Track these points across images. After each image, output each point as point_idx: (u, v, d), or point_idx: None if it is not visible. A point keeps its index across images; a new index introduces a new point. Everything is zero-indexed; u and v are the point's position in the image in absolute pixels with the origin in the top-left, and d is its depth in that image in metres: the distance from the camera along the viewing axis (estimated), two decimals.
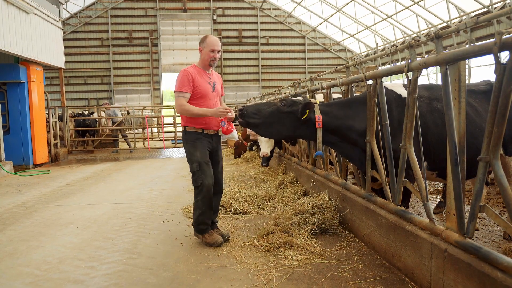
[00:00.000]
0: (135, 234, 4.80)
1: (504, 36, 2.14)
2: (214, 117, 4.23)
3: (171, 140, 16.44)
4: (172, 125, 16.73)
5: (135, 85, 28.43)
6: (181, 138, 4.55)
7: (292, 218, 4.45)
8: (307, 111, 3.96)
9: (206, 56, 4.29)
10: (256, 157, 10.60)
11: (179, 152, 14.85)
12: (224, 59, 28.67)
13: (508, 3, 16.02)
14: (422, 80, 21.38)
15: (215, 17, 28.78)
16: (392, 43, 24.78)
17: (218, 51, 4.28)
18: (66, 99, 17.41)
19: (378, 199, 3.98)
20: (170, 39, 28.82)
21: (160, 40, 28.45)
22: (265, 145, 7.81)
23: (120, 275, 3.61)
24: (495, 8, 16.83)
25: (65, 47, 15.64)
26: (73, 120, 16.15)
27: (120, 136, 16.09)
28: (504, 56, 2.29)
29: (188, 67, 4.28)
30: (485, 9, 17.45)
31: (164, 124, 17.33)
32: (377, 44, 24.92)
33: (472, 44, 2.46)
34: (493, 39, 2.19)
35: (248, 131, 7.50)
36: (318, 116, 3.97)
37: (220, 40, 28.66)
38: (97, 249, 4.28)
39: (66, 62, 15.57)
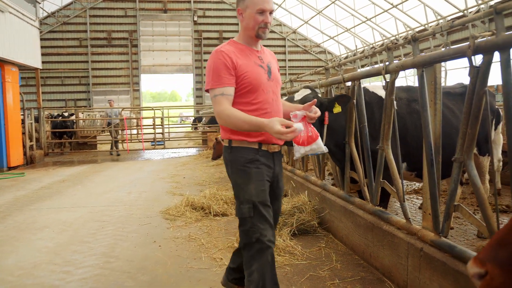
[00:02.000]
0: (112, 237, 4.72)
1: (478, 40, 2.18)
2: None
3: (151, 141, 16.26)
4: (152, 126, 16.57)
5: (114, 86, 28.10)
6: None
7: None
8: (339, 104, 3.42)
9: (251, 21, 2.56)
10: None
11: (159, 154, 14.72)
12: (205, 60, 28.62)
13: (482, 8, 16.43)
14: (401, 82, 21.76)
15: (195, 18, 28.71)
16: (371, 46, 25.13)
17: (271, 12, 2.59)
18: (43, 100, 17.06)
19: (356, 199, 4.01)
20: (150, 40, 28.60)
21: (140, 41, 28.21)
22: None
23: (96, 279, 3.54)
24: (470, 12, 17.24)
25: (42, 47, 15.32)
26: (49, 121, 15.82)
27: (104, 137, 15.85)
28: (478, 59, 2.34)
29: (222, 45, 2.62)
30: (461, 13, 17.86)
31: (143, 126, 17.14)
32: (356, 46, 25.25)
33: (448, 47, 2.51)
34: (468, 43, 2.24)
35: None
36: (326, 112, 3.51)
37: (201, 42, 28.62)
38: (73, 253, 4.19)
39: (43, 62, 15.25)
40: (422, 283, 2.83)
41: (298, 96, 3.64)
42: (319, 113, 2.61)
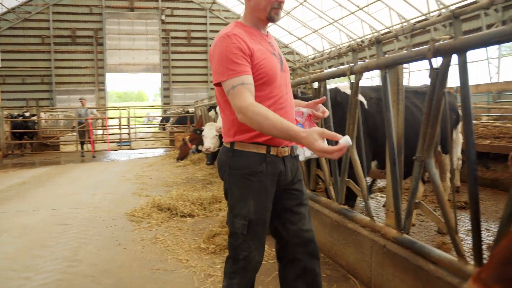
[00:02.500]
0: (75, 240, 4.59)
1: (437, 43, 2.25)
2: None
3: (116, 142, 15.92)
4: (118, 126, 16.23)
5: (78, 86, 27.37)
6: (209, 157, 2.86)
7: None
8: None
9: (262, 0, 2.12)
10: (204, 159, 10.50)
11: (125, 155, 14.43)
12: (173, 59, 28.29)
13: (443, 12, 17.01)
14: (369, 83, 22.20)
15: (163, 17, 28.36)
16: (338, 47, 25.55)
17: None
18: (2, 99, 16.42)
19: (322, 198, 4.06)
20: (116, 39, 28.03)
21: (106, 39, 27.60)
22: (210, 141, 7.75)
23: (58, 284, 3.43)
24: (432, 16, 17.82)
25: (0, 43, 14.73)
26: (9, 121, 15.22)
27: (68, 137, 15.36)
28: (439, 61, 2.41)
29: (231, 27, 2.14)
30: (424, 17, 18.42)
31: (108, 126, 16.77)
32: (323, 47, 25.61)
33: (410, 50, 2.58)
34: (428, 45, 2.31)
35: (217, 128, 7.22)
36: None
37: (168, 41, 28.30)
38: (34, 258, 4.05)
39: (2, 60, 14.68)
40: (385, 279, 2.90)
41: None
42: (327, 112, 2.35)
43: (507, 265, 1.07)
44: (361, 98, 3.80)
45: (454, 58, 2.22)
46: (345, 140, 1.74)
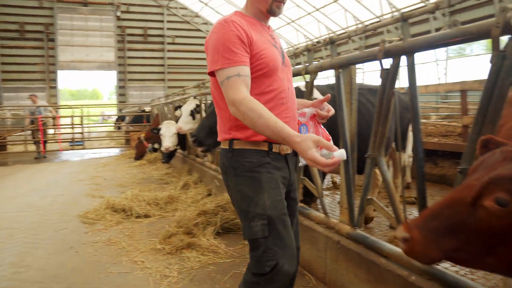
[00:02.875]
0: (23, 245, 4.38)
1: (387, 45, 2.33)
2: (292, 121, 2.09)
3: (69, 142, 15.35)
4: (70, 126, 15.65)
5: (27, 83, 26.10)
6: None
7: (195, 219, 4.41)
8: None
9: None
10: (160, 158, 10.33)
11: (78, 155, 13.94)
12: (129, 57, 27.62)
13: (395, 14, 17.62)
14: (324, 83, 22.61)
15: (119, 13, 27.57)
16: (295, 47, 25.88)
17: None
18: None
19: None
20: (68, 34, 26.95)
21: (58, 35, 26.49)
22: (169, 140, 7.63)
23: None
24: (385, 18, 18.42)
25: None
26: None
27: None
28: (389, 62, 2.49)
29: (229, 15, 2.02)
30: (377, 19, 19.00)
31: (60, 125, 16.14)
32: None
33: (362, 50, 2.65)
34: (378, 47, 2.39)
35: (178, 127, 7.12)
36: None
37: (124, 38, 27.61)
38: None
39: None
40: (339, 274, 2.97)
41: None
42: (332, 111, 2.21)
43: (430, 219, 1.32)
44: (319, 95, 3.86)
45: (405, 59, 2.31)
46: (340, 154, 1.60)
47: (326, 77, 22.95)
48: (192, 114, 6.92)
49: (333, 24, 22.13)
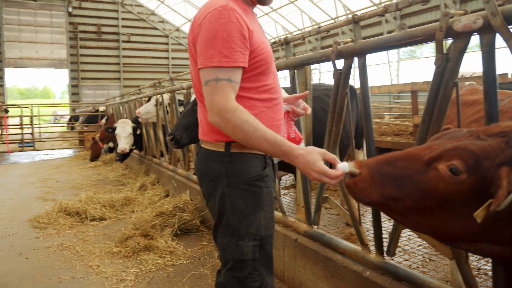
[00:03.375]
0: None
1: (340, 46, 2.39)
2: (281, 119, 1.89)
3: (18, 143, 14.66)
4: (19, 126, 14.95)
5: None
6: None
7: (152, 220, 4.34)
8: None
9: None
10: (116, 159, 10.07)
11: (28, 156, 13.33)
12: (82, 55, 26.71)
13: (349, 17, 18.07)
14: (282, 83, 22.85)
15: (70, 9, 26.61)
16: None
17: None
18: None
19: None
20: (16, 30, 25.70)
21: (3, 30, 25.19)
22: (124, 141, 7.47)
23: None
24: (340, 20, 18.87)
25: None
26: None
27: None
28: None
29: (226, 0, 1.65)
30: (332, 21, 19.42)
31: (8, 126, 15.37)
32: None
33: (316, 51, 2.70)
34: (331, 48, 2.44)
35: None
36: None
37: (77, 35, 26.68)
38: None
39: None
40: (297, 271, 3.02)
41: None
42: (310, 109, 2.05)
43: (382, 164, 1.36)
44: None
45: (357, 60, 2.37)
46: (343, 166, 1.45)
47: (284, 77, 23.24)
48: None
49: (289, 24, 22.42)
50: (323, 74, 21.19)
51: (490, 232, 1.28)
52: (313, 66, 2.99)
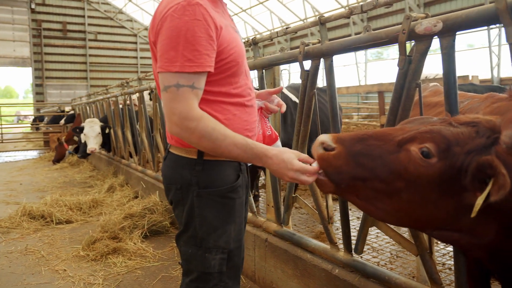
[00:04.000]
0: None
1: (307, 47, 2.42)
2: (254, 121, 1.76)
3: None
4: None
5: None
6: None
7: (121, 222, 4.27)
8: None
9: None
10: (84, 161, 9.85)
11: None
12: (46, 53, 25.92)
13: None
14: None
15: (33, 6, 25.76)
16: None
17: None
18: None
19: None
20: None
21: None
22: (94, 141, 7.29)
23: None
24: (309, 21, 19.09)
25: None
26: None
27: None
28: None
29: None
30: (301, 22, 19.62)
31: None
32: None
33: (283, 52, 2.72)
34: (298, 49, 2.47)
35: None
36: None
37: (40, 33, 25.88)
38: None
39: None
40: (267, 271, 3.03)
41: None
42: (284, 106, 1.91)
43: (356, 141, 1.35)
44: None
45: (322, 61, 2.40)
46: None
47: (254, 78, 23.32)
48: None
49: (259, 25, 22.50)
50: (292, 74, 21.40)
51: (453, 220, 1.32)
52: (282, 67, 3.01)
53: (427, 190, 1.28)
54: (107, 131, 7.64)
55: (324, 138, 1.36)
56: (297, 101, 3.17)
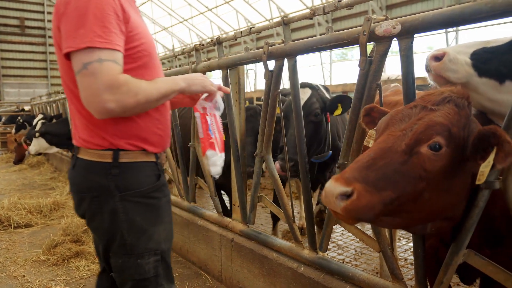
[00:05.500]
0: None
1: (271, 47, 2.43)
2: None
3: None
4: None
5: None
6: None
7: (84, 225, 4.16)
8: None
9: None
10: (44, 162, 9.53)
11: None
12: (2, 50, 24.87)
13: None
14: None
15: None
16: (188, 46, 25.73)
17: None
18: None
19: (172, 197, 4.05)
20: None
21: None
22: (36, 142, 6.92)
23: None
24: (273, 22, 19.21)
25: None
26: None
27: None
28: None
29: None
30: (267, 22, 19.72)
31: None
32: (173, 45, 25.43)
33: (247, 52, 2.72)
34: (262, 49, 2.48)
35: None
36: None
37: None
38: None
39: None
40: (234, 271, 3.03)
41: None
42: (228, 89, 1.83)
43: (366, 170, 1.24)
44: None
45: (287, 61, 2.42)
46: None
47: (219, 77, 23.26)
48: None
49: (225, 25, 22.44)
50: (258, 74, 21.45)
51: (459, 203, 1.41)
52: (249, 67, 3.01)
53: (443, 179, 1.32)
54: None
55: (337, 189, 1.20)
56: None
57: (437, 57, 1.55)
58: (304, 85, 3.12)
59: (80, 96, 1.38)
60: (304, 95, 3.01)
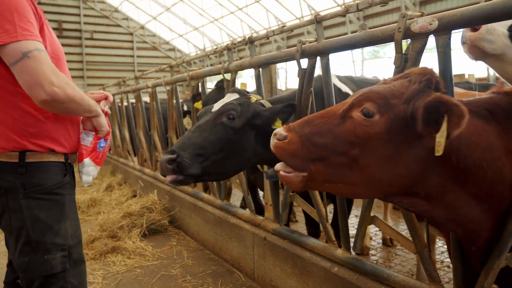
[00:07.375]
0: None
1: (304, 45, 2.42)
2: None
3: None
4: None
5: None
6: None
7: (119, 221, 4.28)
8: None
9: None
10: None
11: None
12: None
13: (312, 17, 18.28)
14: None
15: None
16: (219, 45, 25.88)
17: None
18: None
19: (205, 195, 4.10)
20: None
21: None
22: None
23: None
24: (305, 20, 19.04)
25: None
26: None
27: None
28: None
29: None
30: (298, 20, 19.60)
31: None
32: (205, 45, 25.66)
33: (280, 50, 2.72)
34: (295, 47, 2.47)
35: None
36: None
37: None
38: None
39: None
40: (267, 269, 3.04)
41: (219, 104, 2.43)
42: (110, 97, 1.96)
43: (305, 124, 1.44)
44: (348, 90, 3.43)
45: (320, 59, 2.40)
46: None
47: (251, 76, 23.29)
48: None
49: (255, 24, 22.46)
50: (290, 73, 21.39)
51: (419, 179, 1.35)
52: (279, 65, 3.01)
53: (380, 148, 1.33)
54: None
55: (276, 130, 1.47)
56: (349, 92, 3.12)
57: (474, 28, 1.53)
58: (233, 91, 2.59)
59: (21, 85, 1.47)
60: (230, 98, 2.47)
